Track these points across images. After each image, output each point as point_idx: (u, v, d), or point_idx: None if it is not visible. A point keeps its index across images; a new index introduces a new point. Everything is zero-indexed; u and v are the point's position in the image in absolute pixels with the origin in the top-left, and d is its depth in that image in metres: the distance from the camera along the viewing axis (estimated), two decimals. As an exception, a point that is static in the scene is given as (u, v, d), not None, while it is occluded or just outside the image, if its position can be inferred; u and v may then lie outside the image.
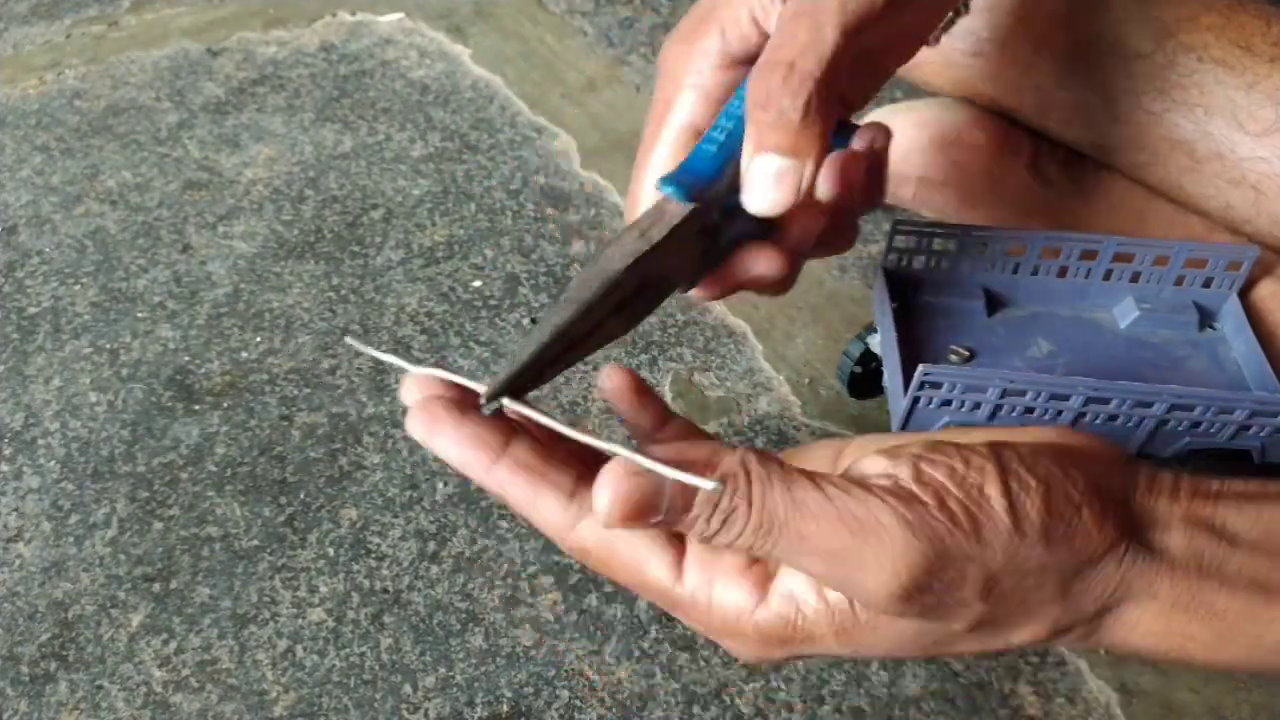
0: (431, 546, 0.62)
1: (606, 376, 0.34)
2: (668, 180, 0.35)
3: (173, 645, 0.58)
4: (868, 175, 0.39)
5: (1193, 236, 0.64)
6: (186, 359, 0.73)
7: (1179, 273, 0.63)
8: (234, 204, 0.85)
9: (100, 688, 0.56)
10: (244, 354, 0.73)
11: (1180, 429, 0.56)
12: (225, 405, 0.70)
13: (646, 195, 0.39)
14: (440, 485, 0.65)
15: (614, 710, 0.56)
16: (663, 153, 0.40)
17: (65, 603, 0.60)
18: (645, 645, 0.58)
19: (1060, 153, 0.67)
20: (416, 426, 0.29)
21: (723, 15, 0.39)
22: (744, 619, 0.30)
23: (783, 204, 0.35)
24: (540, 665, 0.57)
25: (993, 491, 0.28)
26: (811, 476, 0.28)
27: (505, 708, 0.56)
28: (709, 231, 0.36)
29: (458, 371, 0.30)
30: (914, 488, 0.28)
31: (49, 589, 0.60)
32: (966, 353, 0.61)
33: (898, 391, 0.56)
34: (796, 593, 0.30)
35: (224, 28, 1.04)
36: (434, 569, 0.61)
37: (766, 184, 0.35)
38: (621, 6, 1.08)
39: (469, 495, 0.65)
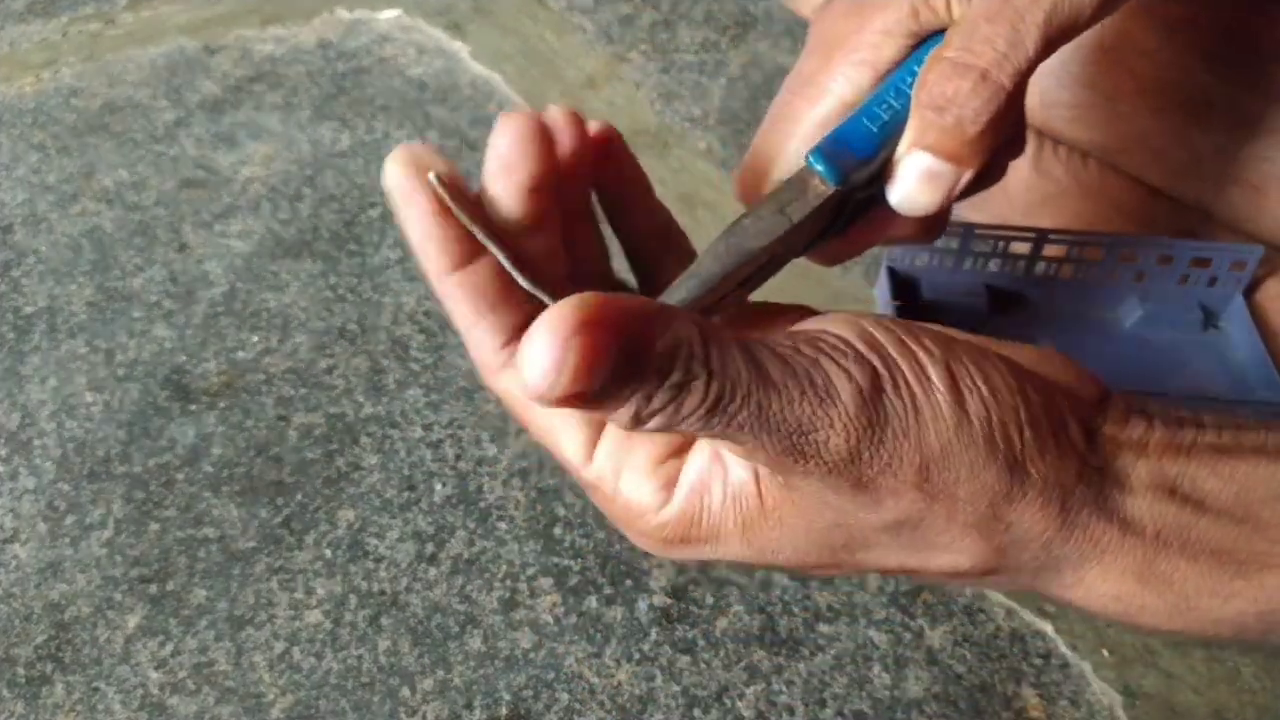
0: (429, 548, 0.62)
1: (500, 130, 0.31)
2: (819, 156, 0.33)
3: (169, 647, 0.57)
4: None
5: (1197, 236, 0.64)
6: (183, 359, 0.72)
7: (1183, 272, 0.63)
8: (230, 202, 0.84)
9: (96, 690, 0.56)
10: (240, 354, 0.73)
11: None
12: (222, 405, 0.69)
13: (784, 164, 0.37)
14: (438, 486, 0.65)
15: (614, 713, 0.55)
16: (814, 122, 0.37)
17: (61, 604, 0.59)
18: (645, 648, 0.58)
19: (1063, 151, 0.66)
20: (395, 179, 0.28)
21: None
22: (648, 516, 0.29)
23: (928, 208, 0.33)
24: (539, 668, 0.57)
25: (936, 377, 0.27)
26: (764, 340, 0.26)
27: (504, 711, 0.55)
28: (840, 205, 0.34)
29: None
30: (860, 348, 0.26)
31: (45, 590, 0.60)
32: (969, 353, 0.61)
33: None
34: (702, 485, 0.29)
35: (221, 25, 1.03)
36: (432, 571, 0.61)
37: (916, 183, 0.33)
38: (622, 3, 1.07)
39: (467, 496, 0.64)
